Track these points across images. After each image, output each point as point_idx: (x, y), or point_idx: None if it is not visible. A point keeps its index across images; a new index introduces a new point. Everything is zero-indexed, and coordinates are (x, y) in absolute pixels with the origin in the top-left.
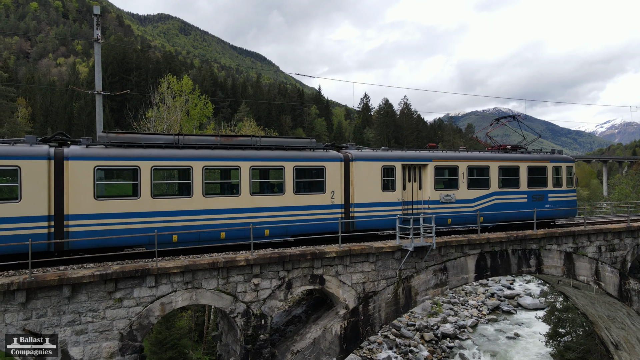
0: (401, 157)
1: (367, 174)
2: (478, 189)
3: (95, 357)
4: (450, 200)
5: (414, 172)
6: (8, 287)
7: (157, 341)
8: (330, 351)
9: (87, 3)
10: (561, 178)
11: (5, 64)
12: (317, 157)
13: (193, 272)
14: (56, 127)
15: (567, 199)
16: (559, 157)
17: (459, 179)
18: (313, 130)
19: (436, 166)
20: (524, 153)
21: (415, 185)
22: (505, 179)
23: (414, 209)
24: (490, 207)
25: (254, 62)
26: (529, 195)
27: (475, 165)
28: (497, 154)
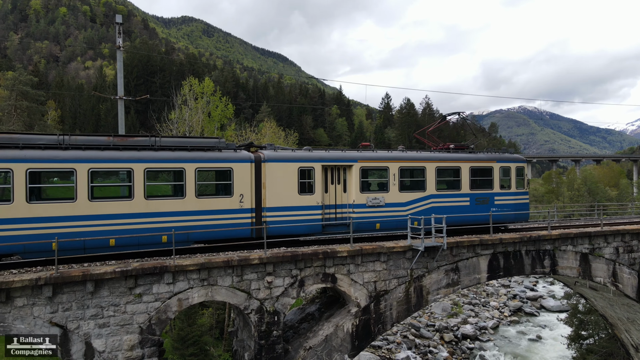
0: (321, 157)
1: (281, 176)
2: (412, 192)
3: (117, 349)
4: (378, 203)
5: (337, 173)
6: (36, 282)
7: (179, 337)
8: (342, 348)
9: (113, 7)
10: (510, 180)
11: (36, 68)
12: (224, 158)
13: (209, 270)
14: (84, 129)
15: (516, 202)
16: (508, 157)
17: (389, 181)
18: (334, 131)
19: (362, 167)
20: (470, 153)
21: (340, 188)
22: (443, 180)
23: (337, 213)
24: (426, 211)
25: (275, 62)
26: (472, 198)
27: (408, 166)
28: (435, 154)
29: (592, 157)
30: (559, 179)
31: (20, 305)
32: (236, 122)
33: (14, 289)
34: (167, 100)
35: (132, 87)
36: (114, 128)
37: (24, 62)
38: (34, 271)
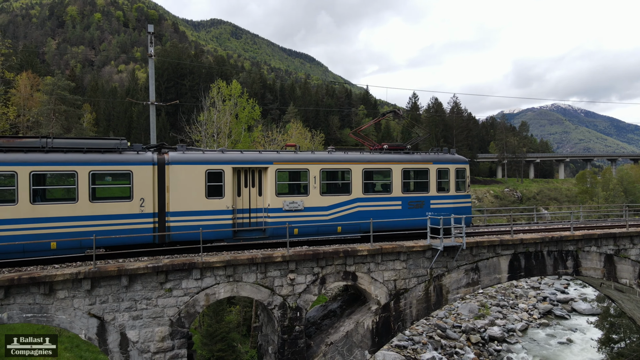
0: (232, 159)
1: (187, 179)
2: (335, 195)
3: (149, 340)
4: (296, 207)
5: (252, 176)
6: (76, 276)
7: (207, 333)
8: (362, 344)
9: (145, 12)
10: (448, 182)
11: (72, 73)
12: (123, 160)
13: (234, 267)
14: (117, 131)
15: (455, 206)
16: (446, 159)
17: (310, 184)
18: (361, 131)
19: (279, 169)
20: (406, 153)
21: (255, 191)
22: (372, 183)
23: (251, 218)
24: (352, 216)
25: (302, 63)
26: (405, 202)
27: (331, 168)
28: (362, 155)
29: (630, 156)
30: (594, 179)
31: (62, 297)
32: (263, 123)
33: (56, 282)
34: (196, 102)
35: (163, 90)
36: (146, 130)
37: (61, 67)
38: (75, 266)
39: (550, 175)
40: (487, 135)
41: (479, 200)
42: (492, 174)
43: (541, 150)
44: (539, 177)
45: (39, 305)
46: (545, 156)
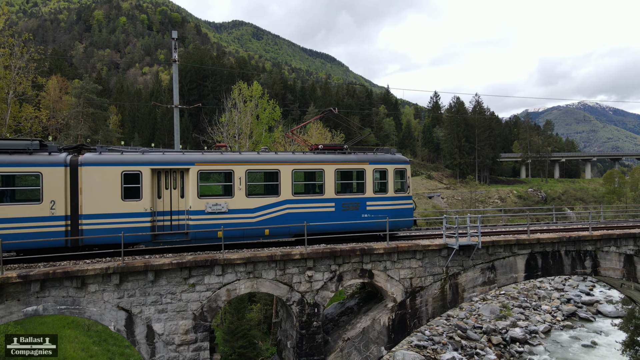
0: (151, 161)
1: (102, 181)
2: (262, 197)
3: (174, 332)
4: (220, 210)
5: (173, 177)
6: (106, 270)
7: (229, 330)
8: (378, 340)
9: (169, 15)
10: (387, 183)
11: (99, 76)
12: (32, 162)
13: (254, 264)
14: (142, 133)
15: (394, 208)
16: (384, 159)
17: (235, 186)
18: (381, 131)
19: (201, 171)
20: (341, 153)
21: (177, 193)
22: (302, 184)
23: (172, 221)
24: (281, 218)
25: (323, 63)
26: (338, 204)
27: (257, 169)
28: (292, 155)
29: None
30: (622, 179)
31: (92, 291)
32: (283, 123)
33: (88, 276)
34: (218, 103)
35: (186, 92)
36: (169, 131)
37: (88, 70)
38: (104, 261)
39: (576, 175)
40: (511, 134)
41: (501, 200)
42: (515, 174)
43: (567, 149)
44: (565, 177)
45: (71, 298)
46: (571, 155)
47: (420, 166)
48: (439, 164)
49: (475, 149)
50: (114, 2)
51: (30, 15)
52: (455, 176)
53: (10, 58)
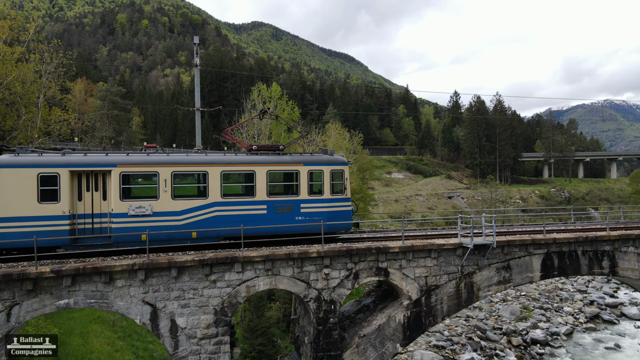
0: (70, 162)
1: (16, 184)
2: (189, 199)
3: (196, 327)
4: (144, 212)
5: (95, 179)
6: (132, 266)
7: (249, 328)
8: (394, 337)
9: (189, 17)
10: (323, 185)
11: (122, 78)
12: None
13: (272, 261)
14: (163, 134)
15: (331, 210)
16: (320, 160)
17: (160, 187)
18: (401, 130)
19: (123, 173)
20: (274, 154)
21: (99, 195)
22: (232, 186)
23: (94, 224)
24: (209, 221)
25: (342, 63)
26: (270, 206)
27: (184, 171)
28: (222, 156)
29: None
30: None
31: (120, 286)
32: (302, 124)
33: (115, 272)
34: (238, 105)
35: (206, 93)
36: (190, 132)
37: (112, 72)
38: (131, 258)
39: (601, 175)
40: (533, 133)
41: (523, 200)
42: (537, 174)
43: (591, 148)
44: (589, 176)
45: (100, 293)
46: (596, 155)
47: (439, 166)
48: (459, 163)
49: (496, 149)
50: (137, 5)
51: (56, 19)
52: (475, 176)
53: (40, 64)
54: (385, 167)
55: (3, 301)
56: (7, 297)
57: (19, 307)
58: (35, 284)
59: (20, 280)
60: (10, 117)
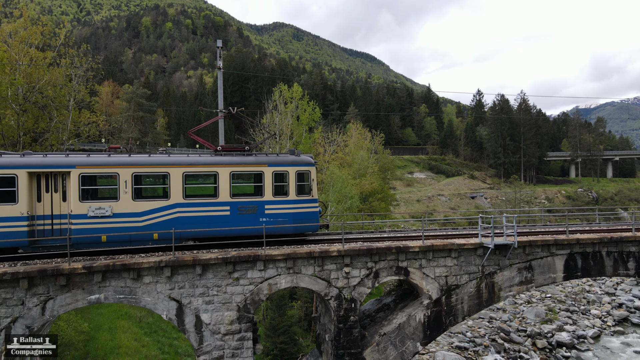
0: (28, 164)
1: None
2: (150, 201)
3: (220, 322)
4: (104, 214)
5: (54, 181)
6: (159, 264)
7: (271, 326)
8: (414, 336)
9: (212, 19)
10: (288, 186)
11: (147, 80)
12: None
13: (294, 260)
14: (186, 135)
15: (296, 211)
16: (285, 161)
17: (120, 189)
18: (422, 130)
19: (82, 174)
20: (239, 155)
21: (59, 197)
22: (195, 187)
23: (54, 225)
24: (171, 222)
25: (363, 62)
26: (234, 207)
27: (145, 172)
28: (183, 158)
29: None
30: None
31: (147, 282)
32: (323, 124)
33: (143, 268)
34: (259, 106)
35: (228, 94)
36: (213, 132)
37: (137, 75)
38: (157, 255)
39: (631, 175)
40: (559, 132)
41: (548, 200)
42: (564, 173)
43: (621, 147)
44: (619, 176)
45: (129, 288)
46: (626, 154)
47: (462, 165)
48: (482, 163)
49: (520, 148)
50: (161, 8)
51: (84, 23)
52: (499, 176)
53: (71, 68)
54: (407, 167)
55: (38, 295)
56: (42, 292)
57: (53, 302)
58: (68, 279)
59: (54, 276)
60: (43, 119)
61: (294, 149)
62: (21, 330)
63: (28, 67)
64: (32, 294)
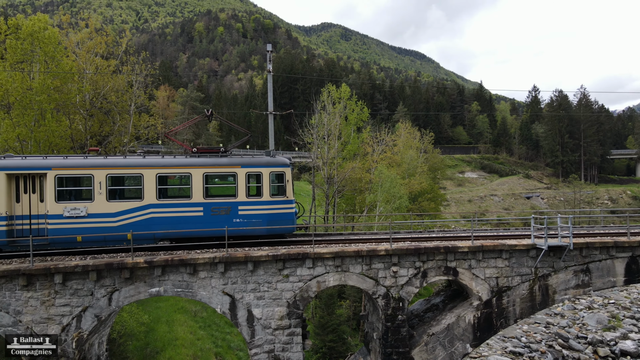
0: (6, 166)
1: None
2: (124, 202)
3: (270, 318)
4: (79, 214)
5: (32, 182)
6: (213, 260)
7: (320, 324)
8: (463, 337)
9: (261, 22)
10: (262, 187)
11: (200, 83)
12: None
13: (342, 258)
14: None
15: (271, 212)
16: (258, 162)
17: (95, 190)
18: (474, 128)
19: (58, 175)
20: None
21: (36, 198)
22: (168, 188)
23: (32, 225)
24: (144, 222)
25: (412, 60)
26: (207, 208)
27: (119, 174)
28: (157, 159)
29: None
30: None
31: (202, 277)
32: (372, 124)
33: (198, 264)
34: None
35: (277, 95)
36: (263, 133)
37: (191, 78)
38: (212, 252)
39: None
40: (624, 128)
41: (612, 201)
42: (630, 172)
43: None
44: None
45: (186, 282)
46: None
47: (516, 165)
48: (538, 162)
49: (580, 146)
50: (213, 14)
51: (142, 31)
52: (557, 175)
53: (132, 74)
54: (458, 167)
55: (105, 287)
56: (109, 284)
57: (118, 293)
58: (132, 272)
59: (119, 269)
60: (107, 123)
61: (270, 150)
62: (90, 318)
63: (94, 75)
64: (100, 286)
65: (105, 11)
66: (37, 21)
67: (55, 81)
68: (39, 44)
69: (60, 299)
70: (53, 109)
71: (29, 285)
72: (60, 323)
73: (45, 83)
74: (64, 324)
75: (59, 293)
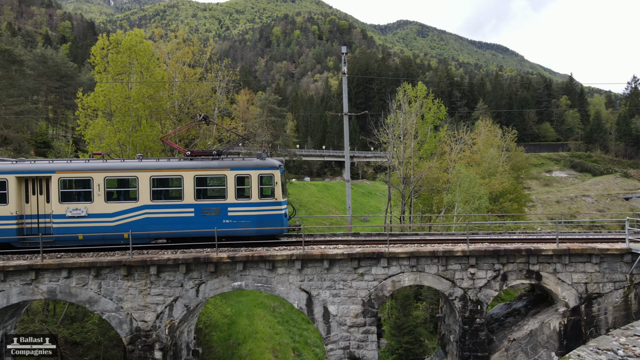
0: (16, 169)
1: None
2: (121, 202)
3: (346, 315)
4: (80, 214)
5: (40, 184)
6: (290, 257)
7: (396, 325)
8: (548, 345)
9: (337, 23)
10: (250, 189)
11: (277, 86)
12: None
13: (417, 258)
14: (314, 136)
15: (260, 213)
16: (247, 164)
17: (93, 192)
18: (563, 124)
19: (62, 178)
20: (204, 159)
21: (43, 198)
22: (161, 190)
23: (39, 223)
24: (139, 223)
25: (494, 54)
26: (197, 209)
27: (115, 177)
28: (150, 162)
29: None
30: None
31: (281, 273)
32: (449, 122)
33: (277, 260)
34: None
35: (353, 95)
36: (338, 133)
37: (269, 81)
38: (289, 249)
39: None
40: None
41: None
42: None
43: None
44: None
45: (265, 278)
46: None
47: (613, 163)
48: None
49: None
50: (290, 17)
51: (224, 38)
52: None
53: (215, 81)
54: (545, 165)
55: (193, 279)
56: (197, 277)
57: (204, 285)
58: (216, 267)
59: (205, 263)
60: (194, 127)
61: (260, 153)
62: (181, 308)
63: (182, 82)
64: (189, 278)
65: (191, 21)
66: (134, 36)
67: (149, 90)
68: (136, 57)
69: (155, 289)
70: (147, 116)
71: (129, 275)
72: (155, 310)
73: (141, 92)
74: (158, 312)
75: (154, 283)
